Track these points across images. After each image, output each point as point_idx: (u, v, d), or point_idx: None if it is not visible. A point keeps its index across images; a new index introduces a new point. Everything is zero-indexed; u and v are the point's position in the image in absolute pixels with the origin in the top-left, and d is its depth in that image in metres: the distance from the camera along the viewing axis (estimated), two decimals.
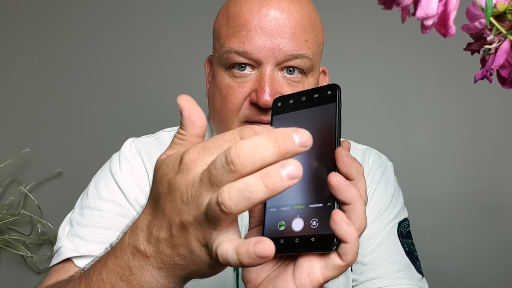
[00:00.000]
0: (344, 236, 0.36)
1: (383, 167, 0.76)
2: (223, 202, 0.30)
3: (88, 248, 0.61)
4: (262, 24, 0.60)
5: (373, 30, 1.35)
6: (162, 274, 0.35)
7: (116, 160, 0.70)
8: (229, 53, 0.62)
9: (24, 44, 1.47)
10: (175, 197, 0.33)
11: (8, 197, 1.39)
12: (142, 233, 0.36)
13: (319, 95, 0.41)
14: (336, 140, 0.39)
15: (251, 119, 0.62)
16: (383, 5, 0.31)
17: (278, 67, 0.62)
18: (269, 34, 0.60)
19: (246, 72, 0.62)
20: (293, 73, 0.63)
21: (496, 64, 0.37)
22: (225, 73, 0.64)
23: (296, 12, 0.62)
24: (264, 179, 0.29)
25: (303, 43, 0.62)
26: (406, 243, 0.71)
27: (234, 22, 0.62)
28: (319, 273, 0.37)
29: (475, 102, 1.29)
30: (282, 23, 0.61)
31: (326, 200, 0.38)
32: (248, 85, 0.62)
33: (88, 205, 0.66)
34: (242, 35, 0.61)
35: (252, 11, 0.61)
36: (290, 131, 0.30)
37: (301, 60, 0.62)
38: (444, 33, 0.32)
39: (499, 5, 0.35)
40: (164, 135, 0.75)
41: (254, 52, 0.60)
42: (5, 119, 1.46)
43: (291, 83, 0.63)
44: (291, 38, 0.61)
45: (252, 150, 0.30)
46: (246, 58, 0.61)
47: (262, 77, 0.61)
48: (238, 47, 0.61)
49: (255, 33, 0.60)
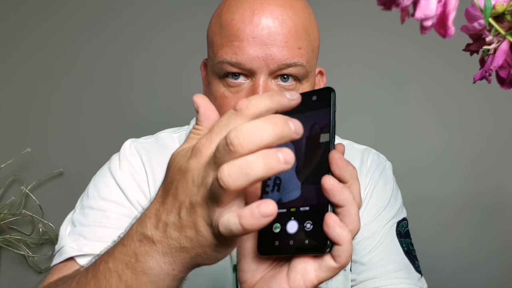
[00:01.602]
0: (338, 238, 0.36)
1: (382, 167, 0.77)
2: (221, 178, 0.32)
3: (91, 247, 0.61)
4: (254, 33, 0.60)
5: (373, 31, 1.35)
6: (166, 260, 0.36)
7: (116, 160, 0.70)
8: (222, 63, 0.61)
9: (24, 44, 1.48)
10: (187, 179, 0.35)
11: (10, 197, 1.39)
12: (150, 221, 0.37)
13: (314, 99, 0.41)
14: (330, 143, 0.39)
15: None
16: (383, 5, 0.32)
17: (272, 76, 0.62)
18: (261, 44, 0.60)
19: (240, 81, 0.62)
20: (287, 81, 0.62)
21: (495, 64, 0.37)
22: (219, 82, 0.64)
23: (289, 20, 0.61)
24: (264, 157, 0.32)
25: (296, 51, 0.61)
26: (405, 242, 0.72)
27: (226, 31, 0.62)
28: (313, 274, 0.37)
29: (474, 103, 1.29)
30: (275, 32, 0.60)
31: (320, 203, 0.38)
32: (242, 95, 0.62)
33: (90, 205, 0.66)
34: (235, 45, 0.60)
35: (243, 20, 0.60)
36: (286, 118, 0.33)
37: (294, 68, 0.61)
38: (443, 33, 0.32)
39: (498, 6, 0.35)
40: (163, 136, 0.75)
41: (247, 62, 0.60)
42: (6, 119, 1.46)
43: (285, 91, 0.63)
44: (284, 46, 0.60)
45: (251, 132, 0.32)
46: (239, 68, 0.61)
47: (256, 87, 0.60)
48: (231, 58, 0.60)
49: (247, 43, 0.60)
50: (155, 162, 0.69)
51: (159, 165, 0.69)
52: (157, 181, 0.68)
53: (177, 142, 0.73)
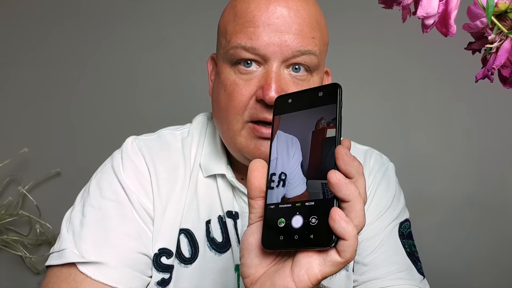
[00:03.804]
0: (343, 233, 0.36)
1: (385, 168, 0.76)
2: None
3: (93, 254, 0.61)
4: (269, 20, 0.61)
5: (374, 30, 1.35)
6: None
7: (118, 158, 0.69)
8: (235, 49, 0.62)
9: (22, 44, 1.47)
10: None
11: (7, 197, 1.38)
12: None
13: (320, 94, 0.42)
14: (336, 138, 0.40)
15: (256, 118, 0.62)
16: (384, 4, 0.31)
17: (285, 64, 0.62)
18: (276, 31, 0.61)
19: (252, 68, 0.62)
20: (299, 71, 0.63)
21: (497, 63, 0.37)
22: (231, 69, 0.64)
23: (303, 10, 0.62)
24: None
25: (310, 40, 0.62)
26: (407, 243, 0.71)
27: (241, 19, 0.62)
28: (318, 269, 0.37)
29: (476, 102, 1.29)
30: (290, 20, 0.61)
31: (326, 198, 0.38)
32: (254, 82, 0.62)
33: (91, 203, 0.65)
34: (250, 31, 0.61)
35: (259, 8, 0.61)
36: None
37: (308, 56, 0.62)
38: (445, 32, 0.32)
39: (501, 4, 0.35)
40: (165, 133, 0.74)
41: (262, 48, 0.61)
42: (3, 119, 1.46)
43: (297, 81, 0.63)
44: (299, 34, 0.61)
45: None
46: (253, 54, 0.61)
47: (269, 74, 0.61)
48: (246, 42, 0.61)
49: (262, 29, 0.61)
50: (158, 161, 0.69)
51: (161, 164, 0.69)
52: (159, 180, 0.67)
53: (179, 140, 0.73)
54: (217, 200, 0.69)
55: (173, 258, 0.66)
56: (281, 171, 0.42)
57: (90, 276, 0.59)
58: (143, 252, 0.64)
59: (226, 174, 0.69)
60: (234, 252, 0.67)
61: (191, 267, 0.66)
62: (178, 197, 0.67)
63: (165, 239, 0.65)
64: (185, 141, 0.73)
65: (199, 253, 0.67)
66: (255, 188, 0.42)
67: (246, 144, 0.63)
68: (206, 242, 0.67)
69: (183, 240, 0.67)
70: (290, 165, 0.42)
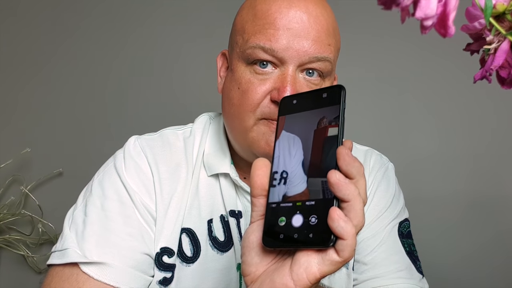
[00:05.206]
0: (342, 232, 0.36)
1: (384, 168, 0.77)
2: None
3: (95, 255, 0.61)
4: (289, 24, 0.61)
5: (373, 31, 1.35)
6: None
7: (121, 158, 0.69)
8: (253, 49, 0.63)
9: (24, 44, 1.47)
10: None
11: (9, 197, 1.39)
12: None
13: (324, 96, 0.43)
14: (338, 139, 0.40)
15: (269, 117, 0.63)
16: (383, 5, 0.31)
17: (300, 68, 0.63)
18: (295, 35, 0.61)
19: (268, 70, 0.63)
20: (312, 75, 0.64)
21: (496, 64, 0.37)
22: (246, 68, 0.64)
23: (322, 17, 0.63)
24: None
25: (327, 47, 0.63)
26: (407, 243, 0.72)
27: (261, 20, 0.63)
28: (316, 268, 0.38)
29: (475, 103, 1.29)
30: (309, 26, 0.62)
31: (326, 197, 0.39)
32: (270, 82, 0.63)
33: (93, 203, 0.66)
34: (269, 33, 0.62)
35: (281, 11, 0.62)
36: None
37: (323, 63, 0.63)
38: (443, 33, 0.32)
39: (499, 6, 0.35)
40: (167, 133, 0.74)
41: (280, 51, 0.61)
42: (5, 119, 1.46)
43: (310, 85, 0.64)
44: (316, 41, 0.62)
45: None
46: (271, 55, 0.62)
47: (285, 76, 0.62)
48: (265, 44, 0.62)
49: (282, 32, 0.61)
50: (160, 161, 0.69)
51: (163, 163, 0.69)
52: (161, 180, 0.68)
53: (181, 139, 0.73)
54: (220, 199, 0.70)
55: (175, 257, 0.66)
56: (282, 169, 0.42)
57: (93, 276, 0.59)
58: (146, 252, 0.64)
59: (230, 173, 0.69)
60: (236, 251, 0.67)
61: (193, 266, 0.66)
62: (180, 196, 0.68)
63: (167, 238, 0.66)
64: (187, 140, 0.73)
65: (201, 252, 0.67)
66: (258, 187, 0.42)
67: (257, 139, 0.64)
68: (208, 241, 0.68)
69: (185, 239, 0.67)
70: (291, 163, 0.42)
